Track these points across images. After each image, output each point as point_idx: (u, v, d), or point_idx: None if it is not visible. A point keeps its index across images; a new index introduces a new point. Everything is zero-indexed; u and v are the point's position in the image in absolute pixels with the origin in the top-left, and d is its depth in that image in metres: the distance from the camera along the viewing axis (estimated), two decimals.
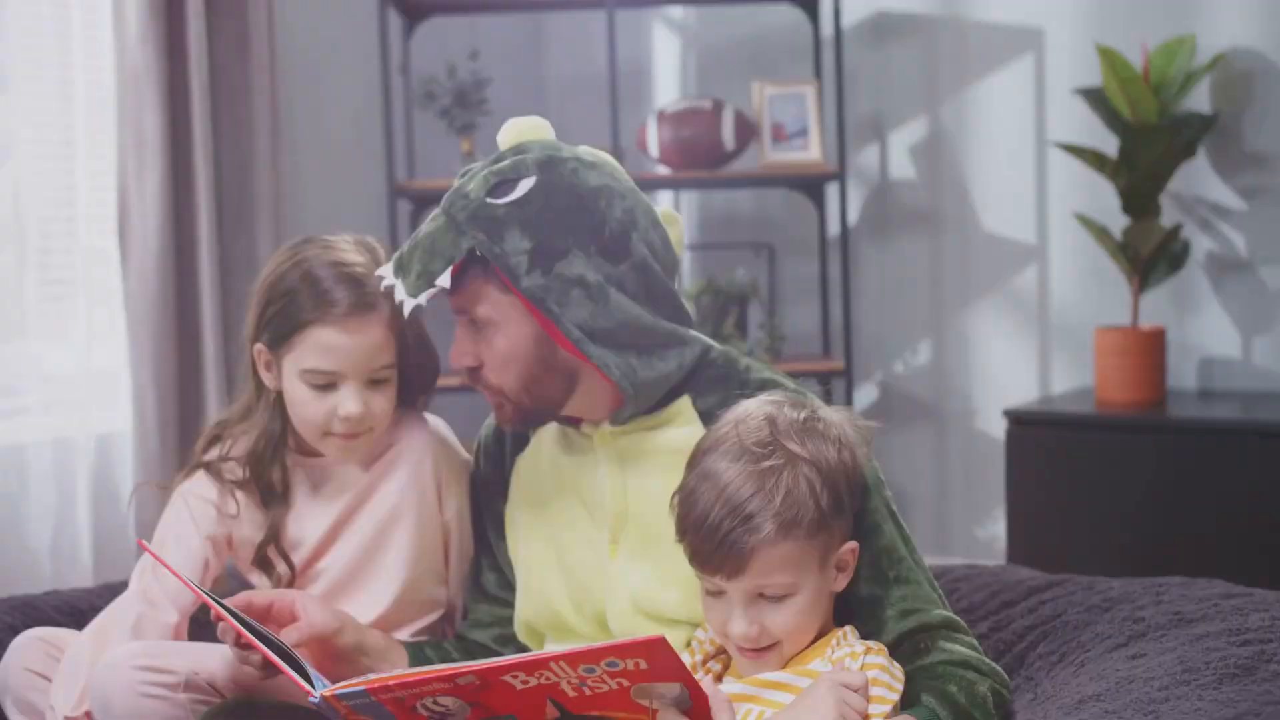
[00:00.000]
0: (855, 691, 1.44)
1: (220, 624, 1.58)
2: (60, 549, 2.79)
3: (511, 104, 3.75)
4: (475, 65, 3.60)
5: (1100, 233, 3.20)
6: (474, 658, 1.75)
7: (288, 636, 1.58)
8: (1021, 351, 3.60)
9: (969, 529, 3.69)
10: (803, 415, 1.53)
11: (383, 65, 3.37)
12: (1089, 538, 3.09)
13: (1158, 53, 3.16)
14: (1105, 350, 3.22)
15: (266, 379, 1.79)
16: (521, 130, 1.70)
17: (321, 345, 1.72)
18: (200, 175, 2.95)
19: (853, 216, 3.76)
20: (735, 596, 1.48)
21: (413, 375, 1.82)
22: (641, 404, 1.66)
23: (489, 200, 1.60)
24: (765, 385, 1.67)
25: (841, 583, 1.54)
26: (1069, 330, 3.53)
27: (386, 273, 1.67)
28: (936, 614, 1.58)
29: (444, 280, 1.61)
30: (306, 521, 1.82)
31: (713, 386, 1.69)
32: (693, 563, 1.50)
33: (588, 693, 1.29)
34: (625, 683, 1.28)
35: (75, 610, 1.97)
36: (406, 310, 1.63)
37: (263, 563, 1.81)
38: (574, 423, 1.73)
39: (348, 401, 1.72)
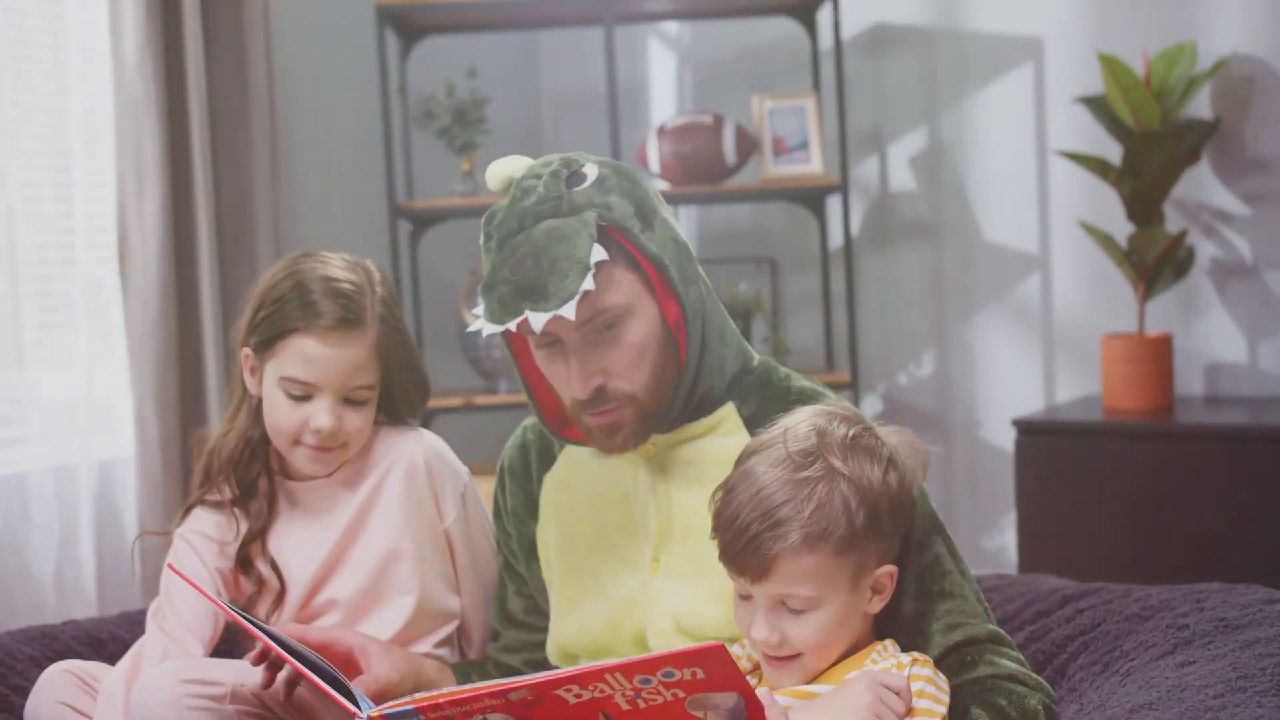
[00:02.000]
0: (896, 694, 1.42)
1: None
2: (64, 577, 2.76)
3: (510, 122, 3.74)
4: (473, 84, 3.58)
5: (1104, 240, 3.20)
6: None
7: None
8: (1027, 361, 3.59)
9: (976, 540, 3.67)
10: (853, 431, 1.51)
11: (381, 85, 3.35)
12: (1100, 546, 3.07)
13: (1159, 59, 3.16)
14: (1111, 358, 3.21)
15: (250, 384, 1.79)
16: (513, 167, 1.66)
17: (303, 355, 1.72)
18: (200, 199, 2.93)
19: (854, 228, 3.75)
20: (759, 601, 1.48)
21: (400, 399, 1.83)
22: (697, 389, 1.62)
23: (573, 191, 1.58)
24: (804, 394, 1.67)
25: (877, 605, 1.52)
26: (1074, 339, 3.52)
27: (484, 323, 1.55)
28: (983, 628, 1.55)
29: (600, 253, 1.53)
30: (306, 549, 1.80)
31: (754, 394, 1.68)
32: (722, 559, 1.50)
33: (641, 705, 1.26)
34: (681, 693, 1.25)
35: (94, 640, 1.93)
36: (570, 313, 1.50)
37: (244, 563, 1.78)
38: None
39: (320, 415, 1.72)
